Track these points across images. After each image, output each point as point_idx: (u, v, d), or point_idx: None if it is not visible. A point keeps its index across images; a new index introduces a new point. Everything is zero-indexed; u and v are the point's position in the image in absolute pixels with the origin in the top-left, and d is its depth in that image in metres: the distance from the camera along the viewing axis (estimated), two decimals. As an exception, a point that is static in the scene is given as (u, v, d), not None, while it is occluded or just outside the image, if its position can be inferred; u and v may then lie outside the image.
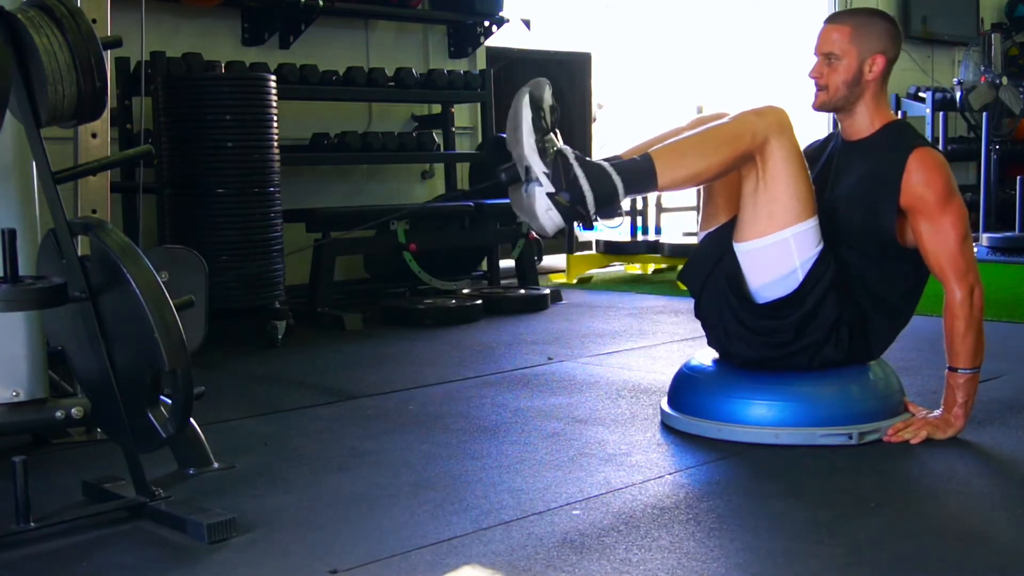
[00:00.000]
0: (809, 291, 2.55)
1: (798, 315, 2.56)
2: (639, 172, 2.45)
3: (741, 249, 2.60)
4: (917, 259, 2.63)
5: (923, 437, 2.57)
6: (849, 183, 2.67)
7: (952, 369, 2.57)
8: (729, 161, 2.50)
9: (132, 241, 2.07)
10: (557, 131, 2.47)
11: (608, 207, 2.42)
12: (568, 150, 2.43)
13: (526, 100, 2.41)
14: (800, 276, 2.55)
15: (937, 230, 2.54)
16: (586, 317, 4.88)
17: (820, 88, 2.71)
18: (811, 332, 2.57)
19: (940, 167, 2.57)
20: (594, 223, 2.43)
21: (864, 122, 2.70)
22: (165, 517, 2.08)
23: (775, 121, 2.52)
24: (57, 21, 2.05)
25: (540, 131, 2.41)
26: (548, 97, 2.45)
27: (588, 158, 2.45)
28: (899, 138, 2.66)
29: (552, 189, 2.39)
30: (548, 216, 2.39)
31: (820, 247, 2.56)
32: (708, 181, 2.59)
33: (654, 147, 2.52)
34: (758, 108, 2.54)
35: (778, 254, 2.54)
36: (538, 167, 2.40)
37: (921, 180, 2.54)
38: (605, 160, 2.48)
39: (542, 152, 2.40)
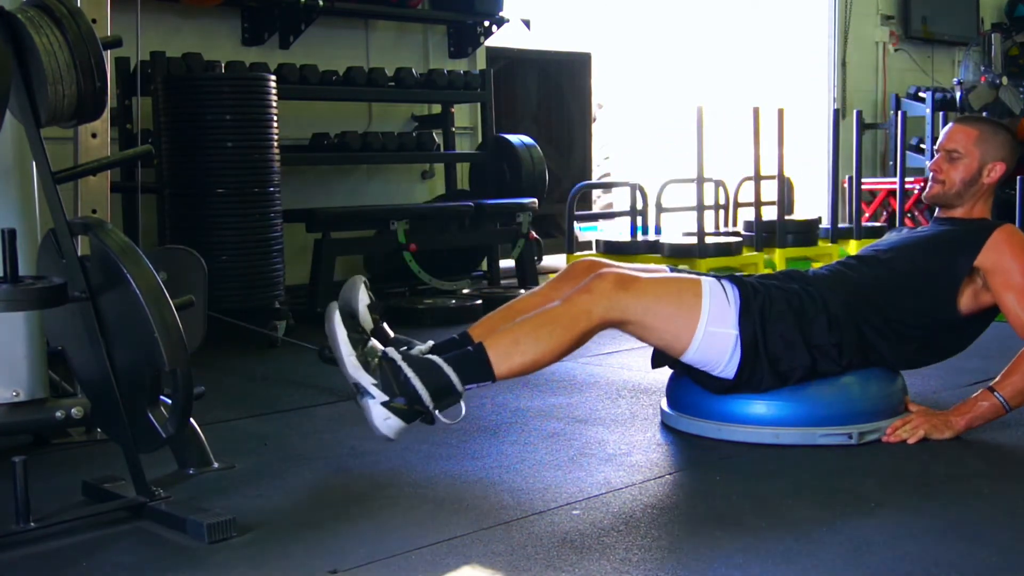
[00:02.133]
0: (753, 354, 2.55)
1: (766, 371, 2.57)
2: (472, 362, 2.40)
3: (685, 359, 2.61)
4: (961, 323, 2.68)
5: (920, 436, 2.58)
6: (930, 233, 2.78)
7: (991, 390, 2.61)
8: (568, 344, 2.47)
9: (132, 241, 2.07)
10: (383, 326, 2.42)
11: (446, 400, 2.36)
12: (393, 353, 2.37)
13: (336, 318, 2.37)
14: (737, 341, 2.55)
15: None
16: (586, 317, 4.87)
17: (938, 181, 2.78)
18: (790, 367, 2.58)
19: None
20: (436, 419, 2.35)
21: (963, 212, 2.80)
22: (165, 517, 2.08)
23: (603, 291, 2.49)
24: (57, 21, 2.05)
25: (359, 344, 2.37)
26: (362, 299, 2.42)
27: (417, 354, 2.40)
28: (990, 220, 2.78)
29: (386, 397, 2.34)
30: (387, 425, 2.34)
31: (734, 297, 2.56)
32: (550, 364, 2.52)
33: (494, 330, 2.51)
34: (587, 284, 2.51)
35: (714, 343, 2.55)
36: (365, 381, 2.34)
37: (1007, 248, 2.63)
38: (438, 350, 2.46)
39: (365, 365, 2.35)
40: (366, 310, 2.44)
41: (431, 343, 2.50)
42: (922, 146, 8.49)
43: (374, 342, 2.41)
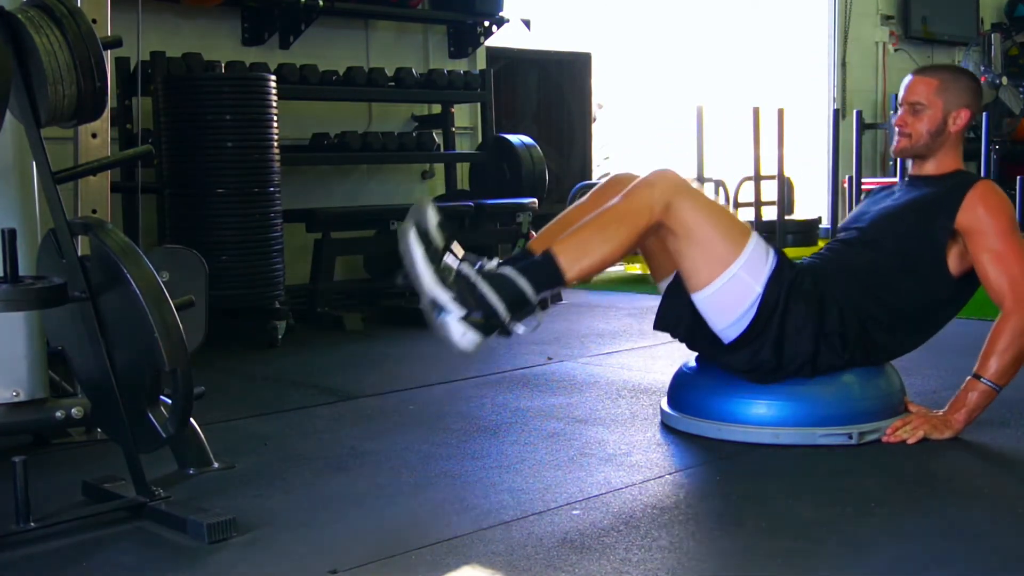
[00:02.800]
0: (768, 315, 2.55)
1: (770, 342, 2.56)
2: (544, 271, 2.44)
3: (699, 298, 2.60)
4: (956, 288, 2.66)
5: (919, 436, 2.57)
6: (906, 199, 2.73)
7: (976, 376, 2.59)
8: (633, 239, 2.50)
9: (132, 241, 2.07)
10: (453, 246, 2.44)
11: (521, 310, 2.40)
12: (467, 268, 2.40)
13: (412, 235, 2.38)
14: (757, 302, 2.55)
15: (1000, 256, 2.57)
16: (586, 317, 4.88)
17: (903, 135, 2.74)
18: (793, 352, 2.57)
19: (1003, 199, 2.64)
20: (513, 331, 2.39)
21: (934, 166, 2.76)
22: (165, 517, 2.08)
23: (667, 187, 2.50)
24: (57, 21, 2.05)
25: (435, 261, 2.39)
26: (432, 217, 2.42)
27: (491, 269, 2.42)
28: (964, 175, 2.74)
29: (463, 312, 2.36)
30: (465, 339, 2.37)
31: (772, 260, 2.57)
32: (619, 260, 2.58)
33: (556, 238, 2.52)
34: (647, 178, 2.53)
35: (736, 289, 2.55)
36: (443, 297, 2.36)
37: (984, 206, 2.60)
38: (508, 263, 2.47)
39: (443, 281, 2.37)
40: (437, 228, 2.44)
41: (498, 259, 2.50)
42: (922, 146, 8.49)
43: (448, 259, 2.42)
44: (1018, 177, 7.20)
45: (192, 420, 2.35)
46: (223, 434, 2.77)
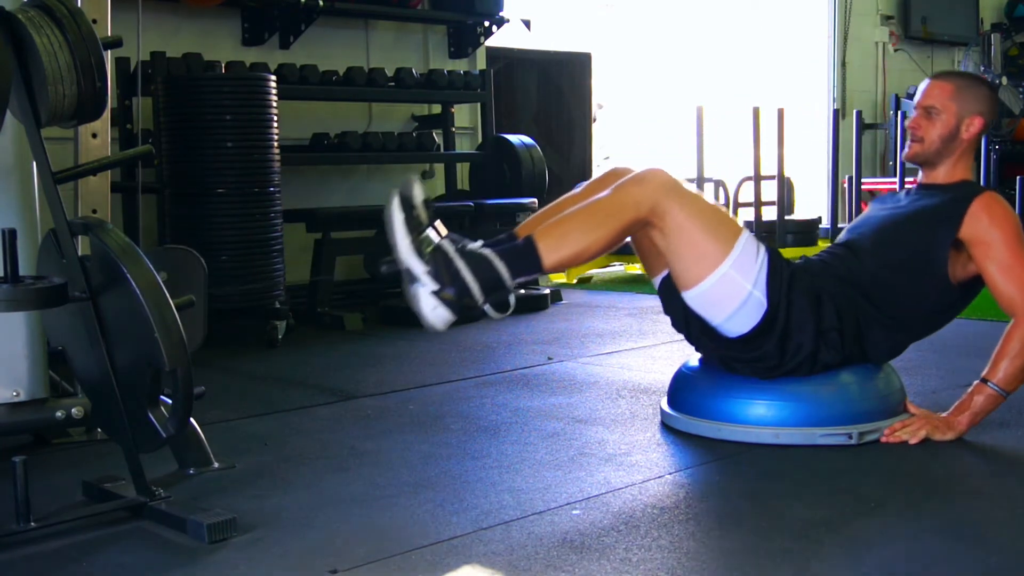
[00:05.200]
0: (775, 313, 2.55)
1: (775, 336, 2.56)
2: (522, 256, 2.42)
3: (689, 296, 2.60)
4: (956, 295, 2.67)
5: (921, 437, 2.57)
6: (913, 208, 2.73)
7: (984, 381, 2.58)
8: (616, 234, 2.48)
9: (132, 241, 2.07)
10: (436, 224, 2.42)
11: (496, 294, 2.38)
12: (447, 244, 2.38)
13: (396, 202, 2.37)
14: (761, 300, 2.54)
15: (1007, 266, 2.56)
16: (586, 317, 4.88)
17: (916, 139, 2.74)
18: (796, 349, 2.58)
19: (1008, 209, 2.64)
20: (485, 312, 2.38)
21: (944, 174, 2.75)
22: (165, 517, 2.08)
23: (657, 184, 2.50)
24: (57, 21, 2.05)
25: (415, 231, 2.37)
26: (418, 193, 2.41)
27: (469, 248, 2.40)
28: (971, 186, 2.73)
29: (436, 287, 2.34)
30: (436, 314, 2.35)
31: (763, 257, 2.56)
32: (599, 255, 2.54)
33: (540, 225, 2.51)
34: (638, 175, 2.52)
35: (726, 288, 2.54)
36: (418, 267, 2.35)
37: (989, 217, 2.59)
38: (489, 245, 2.45)
39: (419, 252, 2.35)
40: (422, 204, 2.42)
41: (481, 241, 2.48)
42: (922, 146, 8.49)
43: (429, 232, 2.40)
44: (1018, 177, 7.21)
45: (192, 420, 2.35)
46: (223, 434, 2.78)
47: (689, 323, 2.69)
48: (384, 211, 2.39)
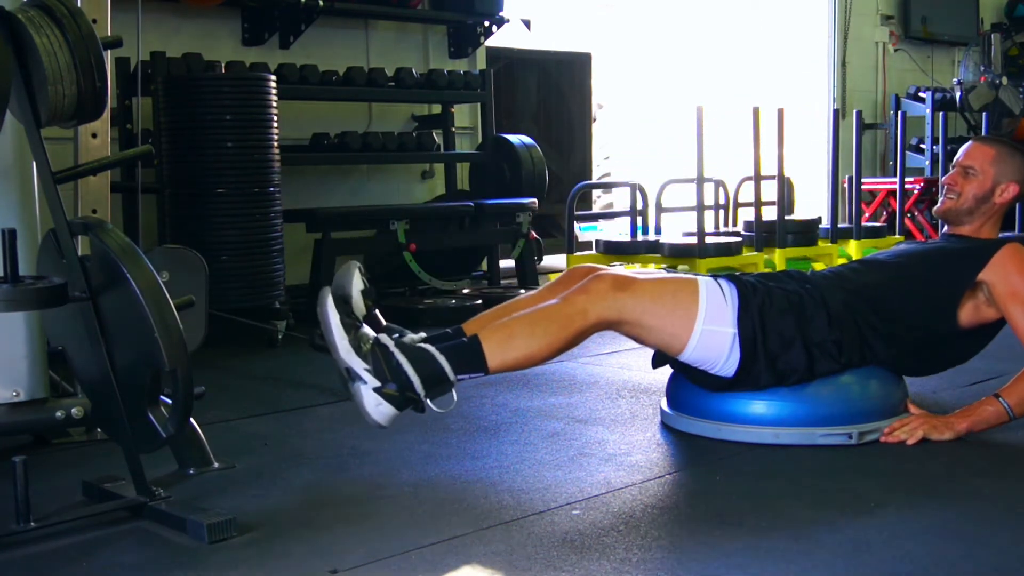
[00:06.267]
0: (752, 343, 2.55)
1: (763, 366, 2.57)
2: (467, 354, 2.38)
3: (683, 359, 2.62)
4: (959, 336, 2.70)
5: (918, 438, 2.58)
6: (938, 245, 2.82)
7: (997, 396, 2.61)
8: (562, 342, 2.46)
9: (132, 241, 2.07)
10: (375, 313, 2.40)
11: (438, 388, 2.33)
12: (385, 339, 2.34)
13: (329, 303, 2.34)
14: (738, 341, 2.55)
15: None
16: (586, 317, 4.87)
17: (951, 193, 2.81)
18: (788, 369, 2.58)
19: None
20: (427, 407, 2.32)
21: (970, 231, 2.83)
22: (165, 517, 2.08)
23: (601, 292, 2.50)
24: (57, 21, 2.05)
25: (352, 329, 2.34)
26: (356, 283, 2.39)
27: (411, 341, 2.38)
28: (998, 239, 2.80)
29: (377, 383, 2.31)
30: (379, 411, 2.31)
31: (732, 296, 2.57)
32: (545, 361, 2.51)
33: (489, 324, 2.50)
34: (585, 284, 2.53)
35: (711, 341, 2.55)
36: (358, 366, 2.31)
37: (1012, 266, 2.64)
38: (432, 340, 2.42)
39: (358, 350, 2.32)
40: (360, 295, 2.40)
41: (423, 334, 2.47)
42: (922, 146, 8.49)
43: (366, 328, 2.38)
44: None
45: (192, 420, 2.35)
46: (223, 434, 2.78)
47: (691, 372, 2.71)
48: (318, 307, 2.35)
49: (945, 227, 2.91)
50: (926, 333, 2.69)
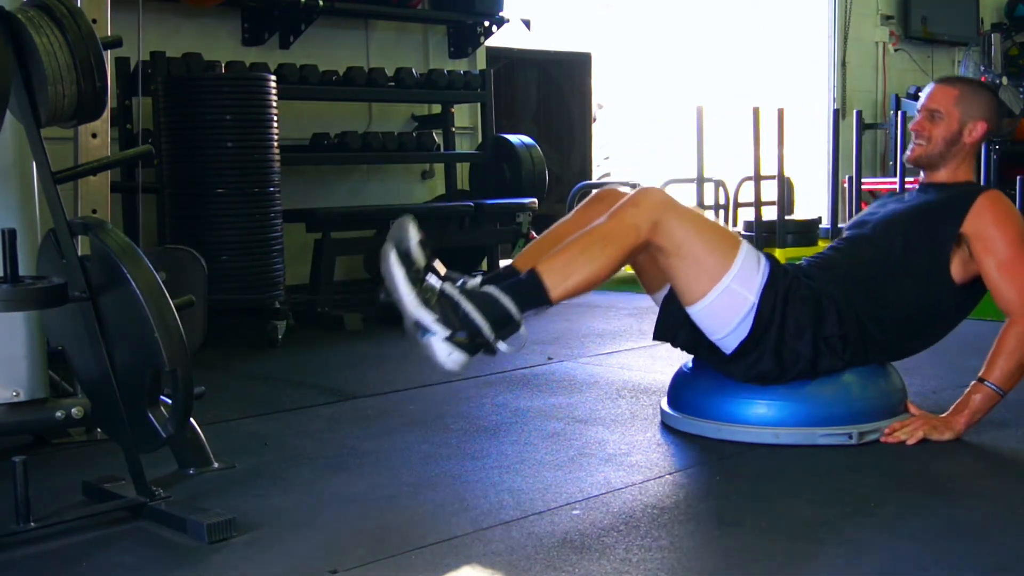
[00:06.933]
0: (766, 324, 2.55)
1: (769, 348, 2.56)
2: (528, 290, 2.41)
3: (693, 311, 2.60)
4: (958, 295, 2.67)
5: (919, 438, 2.57)
6: (915, 203, 2.75)
7: (981, 380, 2.59)
8: (618, 260, 2.47)
9: (132, 241, 2.07)
10: (434, 264, 2.42)
11: (506, 329, 2.37)
12: (450, 288, 2.37)
13: (393, 259, 2.36)
14: (754, 311, 2.55)
15: (1007, 264, 2.58)
16: (586, 317, 4.88)
17: (920, 140, 2.76)
18: (795, 359, 2.57)
19: (1011, 208, 2.65)
20: (497, 349, 2.38)
21: (946, 175, 2.78)
22: (165, 517, 2.08)
23: (653, 206, 2.49)
24: (57, 21, 2.05)
25: (416, 283, 2.36)
26: (413, 236, 2.40)
27: (473, 287, 2.40)
28: (974, 184, 2.76)
29: (447, 332, 2.33)
30: (451, 359, 2.34)
31: (765, 268, 2.57)
32: (605, 281, 2.53)
33: (540, 257, 2.50)
34: (633, 197, 2.52)
35: (730, 301, 2.54)
36: (427, 318, 2.33)
37: (992, 214, 2.60)
38: (490, 282, 2.44)
39: (425, 303, 2.34)
40: (418, 247, 2.41)
41: (479, 277, 2.48)
42: (922, 146, 8.48)
43: (431, 279, 2.40)
44: (1018, 177, 7.20)
45: (192, 420, 2.35)
46: (223, 434, 2.77)
47: (694, 343, 2.70)
48: (381, 264, 2.38)
49: (921, 174, 2.84)
50: (925, 306, 2.66)
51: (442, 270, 2.43)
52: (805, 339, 2.56)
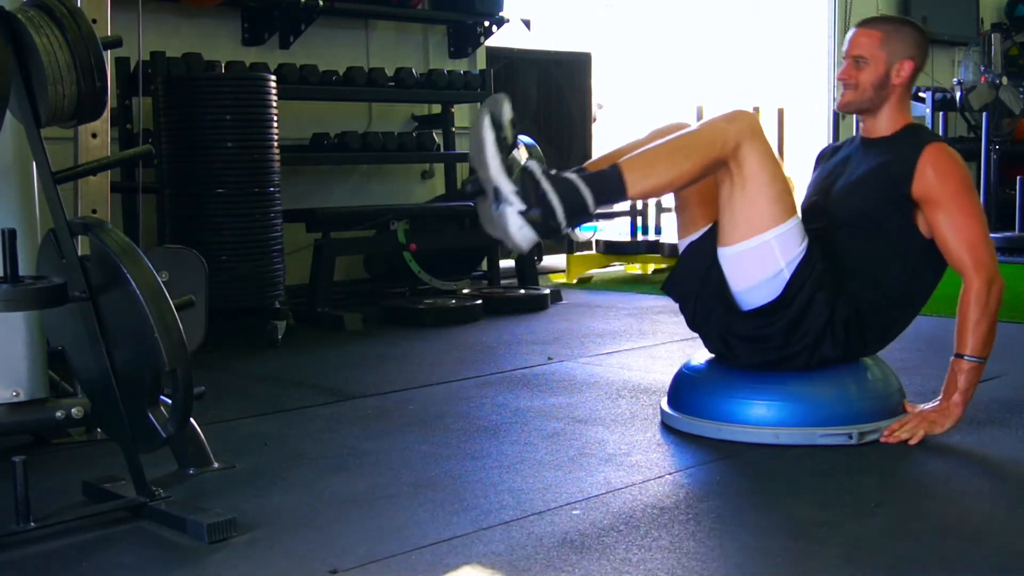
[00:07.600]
0: (794, 296, 2.55)
1: (785, 320, 2.56)
2: (608, 183, 2.44)
3: (725, 253, 2.60)
4: (932, 253, 2.64)
5: (921, 437, 2.56)
6: (861, 172, 2.71)
7: (959, 356, 2.56)
8: (700, 168, 2.49)
9: (132, 241, 2.07)
10: (520, 145, 2.46)
11: (578, 218, 2.43)
12: (534, 166, 2.41)
13: (487, 121, 2.39)
14: (785, 278, 2.55)
15: (955, 221, 2.56)
16: (586, 317, 4.88)
17: (848, 87, 2.72)
18: (801, 335, 2.57)
19: (954, 161, 2.61)
20: (566, 235, 2.44)
21: (885, 123, 2.74)
22: (165, 517, 2.08)
23: (746, 126, 2.51)
24: (57, 21, 2.05)
25: (504, 150, 2.39)
26: (507, 112, 2.42)
27: (555, 172, 2.44)
28: (916, 135, 2.71)
29: (523, 207, 2.38)
30: (521, 234, 2.39)
31: (804, 246, 2.57)
32: (679, 189, 2.58)
33: (623, 157, 2.52)
34: (728, 114, 2.54)
35: (762, 257, 2.55)
36: (507, 187, 2.38)
37: (935, 172, 2.57)
38: (573, 172, 2.48)
39: (508, 171, 2.38)
40: (510, 124, 2.43)
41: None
42: (922, 146, 8.47)
43: (517, 152, 2.43)
44: (1018, 177, 7.20)
45: (192, 420, 2.35)
46: (223, 434, 2.78)
47: (706, 282, 2.67)
48: (472, 129, 2.42)
49: (860, 126, 2.80)
50: (911, 270, 2.64)
51: (526, 152, 2.46)
52: (819, 321, 2.56)
